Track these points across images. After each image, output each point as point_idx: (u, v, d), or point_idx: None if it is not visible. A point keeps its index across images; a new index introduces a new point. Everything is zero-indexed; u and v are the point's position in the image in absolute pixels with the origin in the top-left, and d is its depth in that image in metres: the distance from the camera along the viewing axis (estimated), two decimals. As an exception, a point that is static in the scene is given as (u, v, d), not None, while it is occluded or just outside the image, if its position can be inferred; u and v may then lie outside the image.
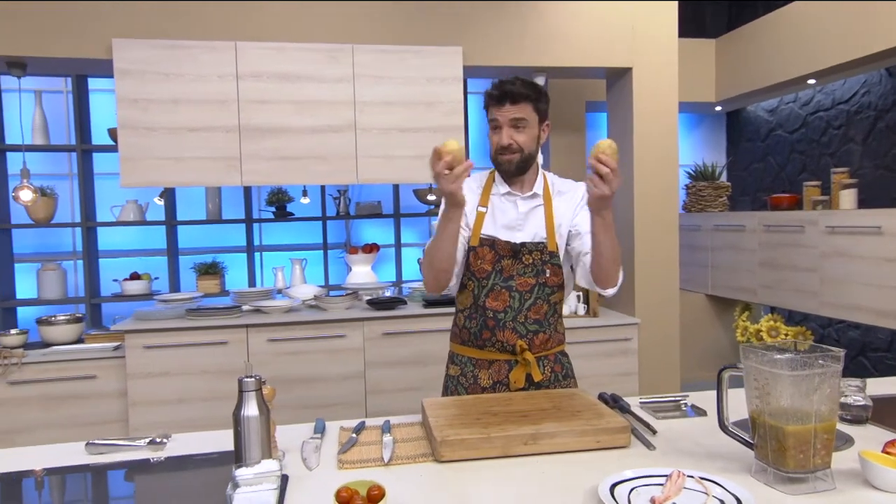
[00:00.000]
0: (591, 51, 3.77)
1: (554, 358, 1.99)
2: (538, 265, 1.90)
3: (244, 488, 1.18)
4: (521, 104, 1.86)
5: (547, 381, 1.95)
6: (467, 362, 1.96)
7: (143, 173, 3.35)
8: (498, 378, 1.92)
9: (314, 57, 3.45)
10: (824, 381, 1.25)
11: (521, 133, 1.87)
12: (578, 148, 4.71)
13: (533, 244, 1.90)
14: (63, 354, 3.32)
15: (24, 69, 3.49)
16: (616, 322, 3.77)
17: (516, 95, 1.85)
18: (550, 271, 1.90)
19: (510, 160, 1.89)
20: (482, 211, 1.95)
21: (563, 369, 2.00)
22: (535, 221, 1.94)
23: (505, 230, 1.93)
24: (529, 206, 1.95)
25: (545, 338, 1.94)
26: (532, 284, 1.89)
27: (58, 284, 4.14)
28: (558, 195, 1.98)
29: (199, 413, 3.30)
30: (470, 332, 1.95)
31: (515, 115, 1.86)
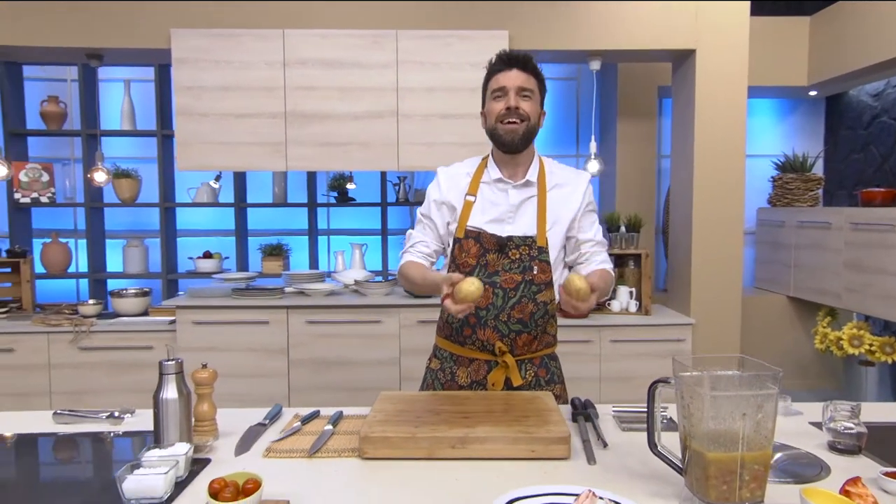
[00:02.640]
0: (650, 32, 3.54)
1: (539, 361, 1.86)
2: (525, 261, 1.77)
3: (141, 470, 1.21)
4: (530, 75, 1.77)
5: (527, 386, 1.83)
6: (448, 357, 1.89)
7: (196, 157, 3.53)
8: (476, 378, 1.84)
9: (358, 43, 3.47)
10: (755, 403, 1.11)
11: (526, 101, 1.75)
12: (648, 136, 4.46)
13: (520, 238, 1.78)
14: (126, 325, 3.58)
15: (101, 59, 3.77)
16: (669, 322, 3.55)
17: (526, 63, 1.77)
18: (538, 268, 1.77)
19: (514, 130, 1.75)
20: (470, 200, 1.83)
21: (548, 374, 1.87)
22: (527, 214, 1.81)
23: (493, 223, 1.81)
24: (522, 196, 1.82)
25: (529, 339, 1.82)
26: (518, 281, 1.77)
27: (140, 260, 4.47)
28: (556, 187, 1.84)
29: (242, 388, 3.45)
30: (452, 327, 1.87)
31: (524, 84, 1.75)
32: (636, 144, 4.43)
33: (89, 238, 4.37)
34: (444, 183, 1.88)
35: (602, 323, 3.52)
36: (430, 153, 3.51)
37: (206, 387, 1.51)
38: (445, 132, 3.51)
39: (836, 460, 1.41)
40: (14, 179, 4.25)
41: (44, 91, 4.50)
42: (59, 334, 3.53)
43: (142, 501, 1.17)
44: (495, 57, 1.81)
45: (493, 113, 1.78)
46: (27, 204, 4.30)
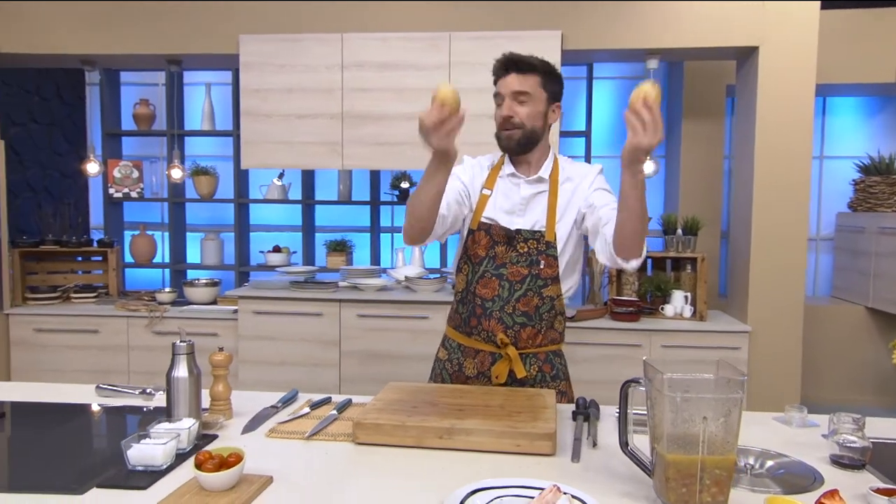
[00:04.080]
0: (709, 29, 3.43)
1: (544, 357, 1.88)
2: (533, 255, 1.80)
3: (147, 440, 1.34)
4: (528, 75, 1.78)
5: (531, 380, 1.85)
6: (456, 348, 1.93)
7: (260, 156, 3.74)
8: (481, 369, 1.87)
9: (413, 45, 3.56)
10: (718, 407, 1.10)
11: (523, 106, 1.77)
12: (716, 136, 4.31)
13: (529, 232, 1.80)
14: (194, 312, 3.84)
15: (179, 65, 4.06)
16: (724, 328, 3.43)
17: (522, 64, 1.78)
18: (545, 262, 1.79)
19: (510, 136, 1.79)
20: (486, 193, 1.87)
21: (552, 370, 1.89)
22: (537, 208, 1.83)
23: (505, 215, 1.84)
24: (532, 190, 1.84)
25: (533, 332, 1.84)
26: (524, 275, 1.80)
27: (215, 252, 4.76)
28: (567, 181, 1.84)
29: (296, 376, 3.62)
30: (461, 317, 1.91)
31: (518, 87, 1.77)
32: (702, 145, 4.29)
33: (171, 231, 4.70)
34: (468, 165, 1.94)
35: (653, 327, 3.45)
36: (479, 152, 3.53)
37: (221, 369, 1.63)
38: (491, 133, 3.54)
39: (836, 474, 1.36)
40: (109, 176, 4.63)
41: (137, 95, 4.87)
42: (136, 319, 3.84)
43: (144, 468, 1.29)
44: (496, 61, 1.84)
45: (496, 120, 1.84)
46: (119, 199, 4.68)
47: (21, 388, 1.93)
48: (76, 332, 3.85)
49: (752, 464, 1.39)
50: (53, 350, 3.88)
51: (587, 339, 3.49)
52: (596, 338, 3.49)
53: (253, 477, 1.25)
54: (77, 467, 1.32)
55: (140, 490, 1.22)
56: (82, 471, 1.30)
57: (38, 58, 4.05)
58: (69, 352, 3.86)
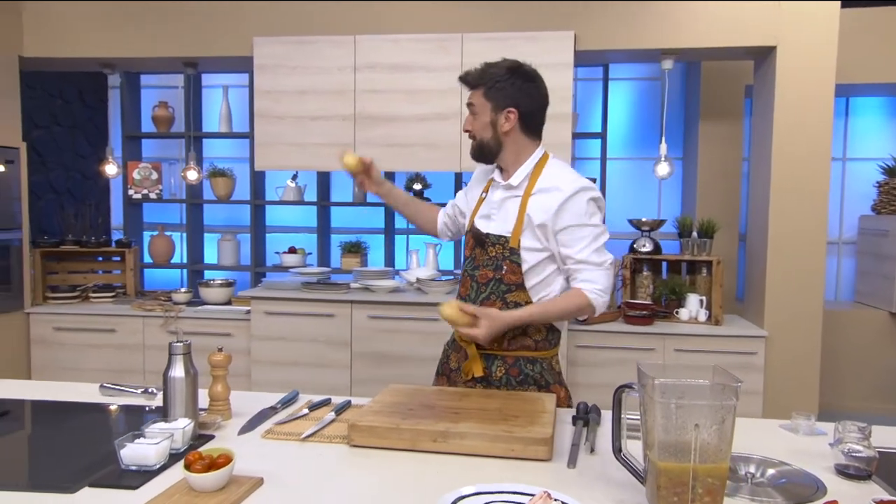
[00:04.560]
0: (725, 28, 3.37)
1: (513, 361, 1.84)
2: (498, 259, 1.83)
3: (141, 440, 1.34)
4: (473, 90, 1.86)
5: (497, 382, 1.84)
6: (450, 342, 2.01)
7: (273, 158, 3.76)
8: (460, 363, 1.91)
9: (425, 47, 3.56)
10: (711, 415, 1.07)
11: (475, 119, 1.85)
12: (733, 137, 4.24)
13: (496, 236, 1.83)
14: (209, 313, 3.87)
15: (195, 67, 4.10)
16: (740, 333, 3.37)
17: (466, 82, 1.88)
18: (508, 268, 1.81)
19: (471, 146, 1.89)
20: (482, 197, 1.94)
21: (520, 374, 1.84)
22: (507, 214, 1.84)
23: (482, 218, 1.91)
24: (504, 195, 1.86)
25: (498, 336, 1.81)
26: (489, 278, 1.84)
27: (232, 253, 4.80)
28: (539, 192, 1.79)
29: (308, 376, 3.64)
30: None
31: (469, 100, 1.87)
32: (720, 146, 4.22)
33: (188, 232, 4.75)
34: (474, 177, 2.06)
35: (667, 331, 3.40)
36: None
37: (220, 369, 1.64)
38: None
39: (840, 484, 1.32)
40: (128, 178, 4.70)
41: (157, 97, 4.93)
42: (152, 318, 3.88)
43: (138, 467, 1.30)
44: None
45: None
46: (139, 200, 4.74)
47: (26, 386, 1.96)
48: (94, 332, 3.91)
49: (752, 472, 1.35)
50: (72, 348, 3.94)
51: (600, 343, 3.45)
52: (609, 341, 3.45)
53: (243, 478, 1.25)
54: (73, 466, 1.33)
55: (131, 490, 1.23)
56: (77, 470, 1.31)
57: (60, 61, 4.12)
58: (87, 350, 3.91)
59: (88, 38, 3.95)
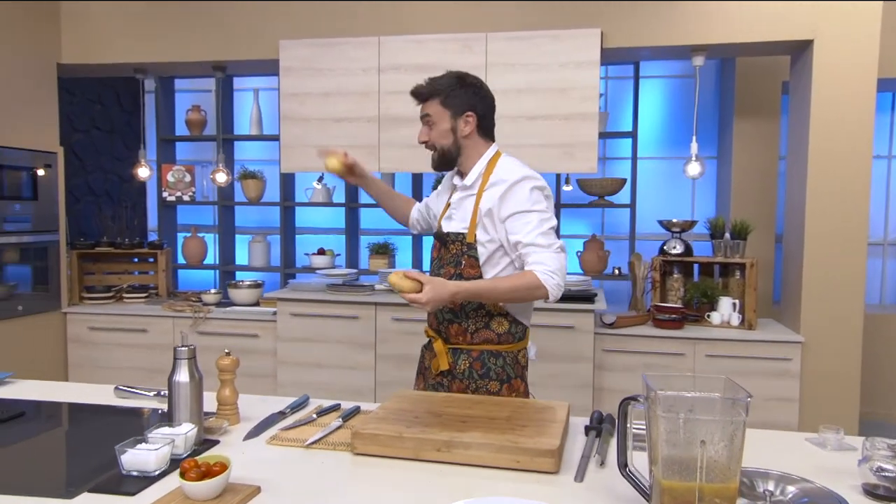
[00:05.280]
0: (758, 23, 3.25)
1: (477, 354, 1.92)
2: (458, 256, 1.92)
3: (143, 445, 1.34)
4: (427, 102, 1.93)
5: (461, 375, 1.92)
6: (427, 344, 2.08)
7: (299, 160, 3.77)
8: (431, 359, 2.00)
9: (449, 47, 3.52)
10: (718, 431, 1.01)
11: (431, 129, 1.94)
12: (771, 136, 4.10)
13: (455, 234, 1.93)
14: (236, 314, 3.90)
15: (224, 71, 4.15)
16: (774, 338, 3.25)
17: (418, 95, 1.95)
18: (466, 262, 1.90)
19: (432, 156, 1.97)
20: (449, 202, 2.02)
21: (483, 368, 1.91)
22: (465, 212, 1.94)
23: (444, 220, 2.01)
24: (461, 195, 1.96)
25: (461, 329, 1.93)
26: (451, 274, 1.91)
27: (262, 254, 4.85)
28: (491, 186, 1.88)
29: (333, 378, 3.64)
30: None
31: (423, 112, 1.95)
32: (755, 144, 4.09)
33: (220, 233, 4.81)
34: (443, 182, 2.14)
35: (697, 335, 3.30)
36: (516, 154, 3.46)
37: (227, 373, 1.63)
38: (532, 134, 3.47)
39: (865, 505, 1.24)
40: (162, 180, 4.78)
41: (190, 101, 5.01)
42: (182, 319, 3.93)
43: (139, 473, 1.30)
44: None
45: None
46: (173, 202, 4.82)
47: (43, 386, 1.99)
48: (126, 331, 3.98)
49: (771, 490, 1.28)
50: (106, 348, 4.03)
51: (628, 347, 3.37)
52: (637, 345, 3.36)
53: (239, 486, 1.24)
54: (77, 470, 1.34)
55: (129, 496, 1.22)
56: (80, 474, 1.32)
57: (95, 67, 4.21)
58: (120, 350, 3.99)
59: (122, 44, 4.03)
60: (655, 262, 3.56)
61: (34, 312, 3.92)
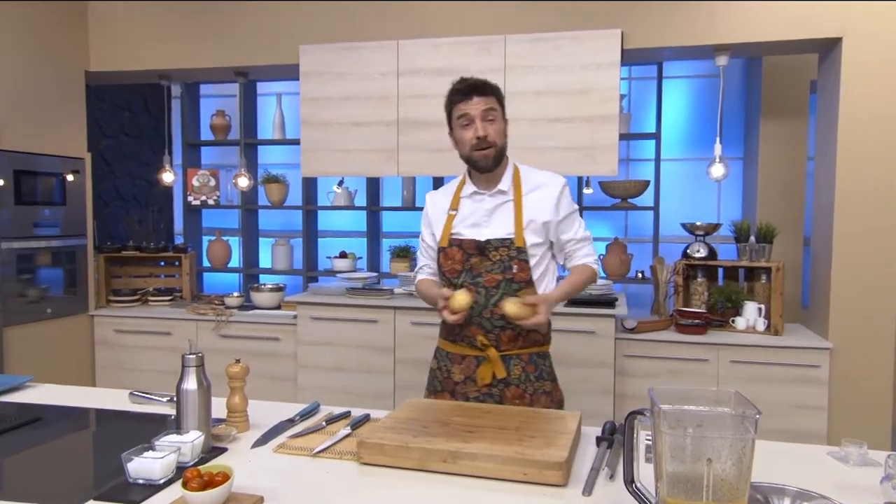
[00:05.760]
0: (783, 20, 3.16)
1: (528, 358, 1.94)
2: (505, 261, 1.90)
3: (150, 453, 1.35)
4: (489, 96, 1.90)
5: (517, 381, 1.92)
6: (444, 356, 2.03)
7: (320, 164, 3.79)
8: (468, 373, 1.95)
9: (468, 50, 3.50)
10: (725, 448, 0.98)
11: (492, 124, 1.89)
12: (799, 136, 4.00)
13: (498, 240, 1.91)
14: (258, 317, 3.93)
15: (246, 76, 4.19)
16: (801, 344, 3.16)
17: (484, 87, 1.90)
18: (517, 267, 1.90)
19: (486, 155, 1.90)
20: (452, 214, 1.99)
21: (536, 370, 1.95)
22: (503, 218, 1.94)
23: (471, 228, 1.95)
24: (496, 202, 1.95)
25: (513, 335, 1.92)
26: (498, 280, 1.90)
27: (285, 257, 4.88)
28: (533, 191, 1.95)
29: (352, 382, 3.64)
30: (446, 327, 2.00)
31: (486, 105, 1.88)
32: (782, 145, 3.99)
33: (243, 237, 4.86)
34: (429, 208, 2.11)
35: (721, 341, 3.23)
36: (536, 158, 3.44)
37: (237, 381, 1.64)
38: (552, 136, 3.43)
39: (886, 525, 1.19)
40: (188, 184, 4.85)
41: (215, 106, 5.07)
42: (204, 322, 3.98)
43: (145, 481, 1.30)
44: (454, 87, 1.94)
45: (464, 142, 1.93)
46: (197, 206, 4.88)
47: (61, 391, 2.02)
48: (151, 334, 4.04)
49: (787, 507, 1.24)
50: (131, 350, 4.09)
51: (650, 353, 3.31)
52: (659, 351, 3.30)
53: (242, 496, 1.24)
54: (84, 477, 1.36)
55: (132, 504, 1.23)
56: (88, 481, 1.33)
57: (121, 74, 4.29)
58: (145, 352, 4.05)
59: (147, 51, 4.09)
60: (678, 265, 3.49)
61: (62, 315, 4.00)
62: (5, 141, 3.57)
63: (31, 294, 3.81)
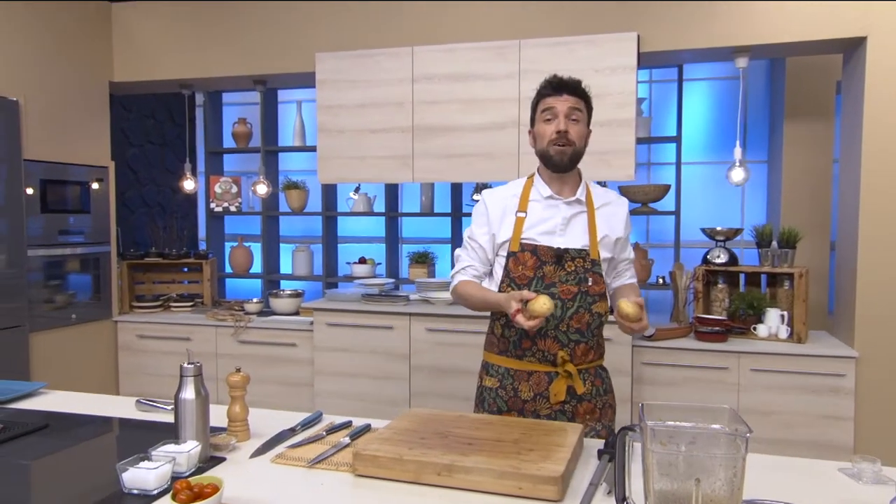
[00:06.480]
0: (804, 20, 3.09)
1: (594, 372, 1.93)
2: (580, 273, 1.86)
3: (146, 463, 1.35)
4: (578, 97, 1.87)
5: (589, 395, 1.89)
6: (505, 373, 1.93)
7: (335, 171, 3.80)
8: (538, 390, 1.88)
9: (482, 55, 3.48)
10: (714, 467, 0.94)
11: (576, 125, 1.86)
12: (824, 138, 3.89)
13: (576, 251, 1.87)
14: (275, 323, 3.96)
15: (264, 84, 4.23)
16: (825, 353, 3.07)
17: (575, 87, 1.87)
18: (592, 280, 1.87)
19: (563, 151, 1.85)
20: (521, 216, 1.92)
21: (602, 384, 1.95)
22: (578, 228, 1.90)
23: (544, 235, 1.89)
24: (572, 211, 1.91)
25: (586, 349, 1.88)
26: (574, 292, 1.85)
27: (305, 263, 4.91)
28: (604, 206, 1.95)
29: (368, 388, 3.64)
30: (509, 341, 1.92)
31: (573, 104, 1.85)
32: (807, 148, 3.89)
33: (264, 243, 4.90)
34: (490, 208, 1.96)
35: (742, 349, 3.15)
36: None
37: (238, 390, 1.64)
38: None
39: (895, 547, 1.14)
40: (210, 191, 4.91)
41: (237, 114, 5.13)
42: (224, 328, 4.02)
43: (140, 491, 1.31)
44: (545, 81, 1.90)
45: (544, 135, 1.88)
46: (220, 213, 4.95)
47: (71, 398, 2.05)
48: (171, 339, 4.09)
49: (790, 527, 1.20)
50: (153, 355, 4.15)
51: (669, 360, 3.25)
52: (678, 359, 3.24)
53: (232, 508, 1.23)
54: (82, 487, 1.36)
55: (125, 515, 1.23)
56: (83, 491, 1.34)
57: (144, 84, 4.36)
58: (166, 357, 4.10)
59: (168, 61, 4.16)
60: (698, 272, 3.42)
61: (87, 321, 4.08)
62: (32, 151, 3.65)
63: (57, 300, 3.89)
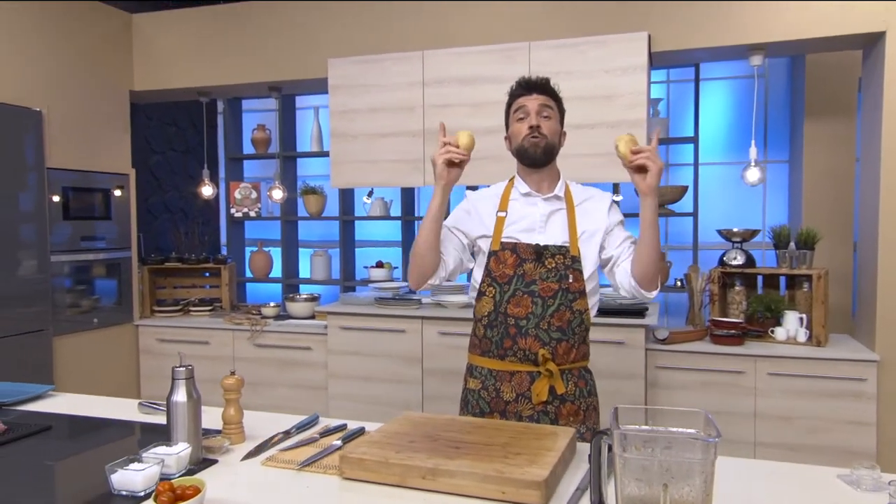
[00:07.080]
0: (819, 16, 3.02)
1: (578, 373, 1.90)
2: (561, 270, 1.86)
3: (135, 464, 1.37)
4: (549, 97, 1.91)
5: (572, 397, 1.86)
6: (487, 374, 1.92)
7: (348, 175, 3.83)
8: (520, 391, 1.86)
9: (491, 58, 3.48)
10: (679, 471, 0.92)
11: (548, 121, 1.89)
12: (846, 137, 3.80)
13: (556, 247, 1.87)
14: (291, 327, 3.99)
15: (279, 91, 4.28)
16: (845, 356, 2.99)
17: (545, 86, 1.92)
18: (573, 276, 1.86)
19: (537, 143, 1.86)
20: (501, 216, 1.93)
21: (587, 385, 1.92)
22: (557, 225, 1.91)
23: (524, 233, 1.90)
24: (550, 208, 1.92)
25: (568, 347, 1.86)
26: (555, 290, 1.84)
27: (324, 267, 4.95)
28: (584, 202, 1.94)
29: (381, 391, 3.65)
30: (491, 341, 1.90)
31: (544, 102, 1.89)
32: (828, 147, 3.80)
33: (283, 247, 4.96)
34: (472, 206, 2.00)
35: (759, 352, 3.08)
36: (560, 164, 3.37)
37: (232, 393, 1.65)
38: (578, 143, 3.35)
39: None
40: (230, 197, 4.98)
41: (256, 121, 5.20)
42: (241, 332, 4.07)
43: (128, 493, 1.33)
44: (515, 83, 1.95)
45: (518, 134, 1.91)
46: (240, 218, 5.02)
47: (77, 400, 2.09)
48: (190, 343, 4.15)
49: (778, 535, 1.16)
50: (173, 359, 4.16)
51: (683, 364, 3.19)
52: (694, 362, 3.18)
53: (214, 510, 1.24)
54: (73, 488, 1.39)
55: (112, 516, 1.25)
56: (73, 493, 1.36)
57: (163, 93, 4.45)
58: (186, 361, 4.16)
59: (186, 69, 4.24)
60: (713, 274, 3.36)
61: (109, 325, 4.16)
62: (55, 159, 3.75)
63: (80, 305, 3.98)
